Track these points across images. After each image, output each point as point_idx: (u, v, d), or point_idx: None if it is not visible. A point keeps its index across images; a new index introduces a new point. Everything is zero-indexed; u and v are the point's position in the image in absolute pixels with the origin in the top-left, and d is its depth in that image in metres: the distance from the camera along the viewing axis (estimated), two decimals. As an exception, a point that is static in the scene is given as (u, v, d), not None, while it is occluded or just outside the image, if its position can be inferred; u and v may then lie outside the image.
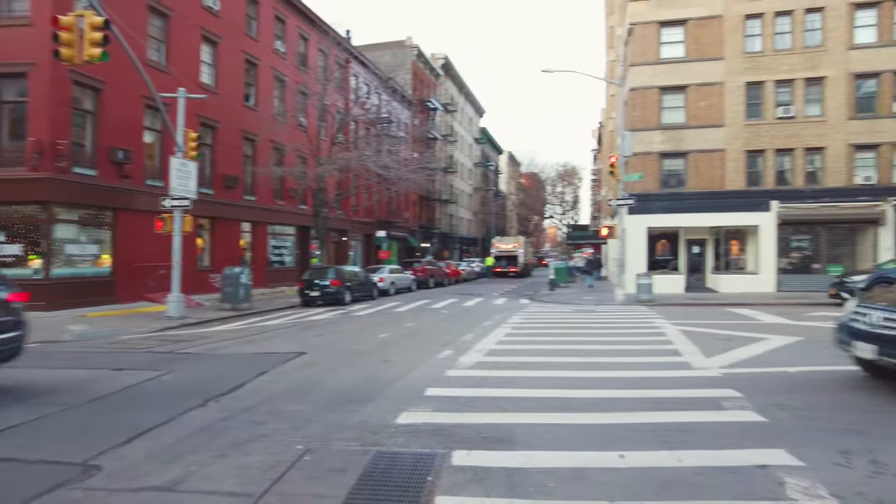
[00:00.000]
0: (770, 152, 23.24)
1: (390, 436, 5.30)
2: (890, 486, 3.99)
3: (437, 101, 51.16)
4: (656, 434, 5.17)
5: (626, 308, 17.74)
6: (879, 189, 22.49)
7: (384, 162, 26.20)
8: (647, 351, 9.51)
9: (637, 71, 23.86)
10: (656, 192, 23.62)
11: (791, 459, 4.46)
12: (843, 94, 22.75)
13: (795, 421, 5.48)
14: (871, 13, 22.75)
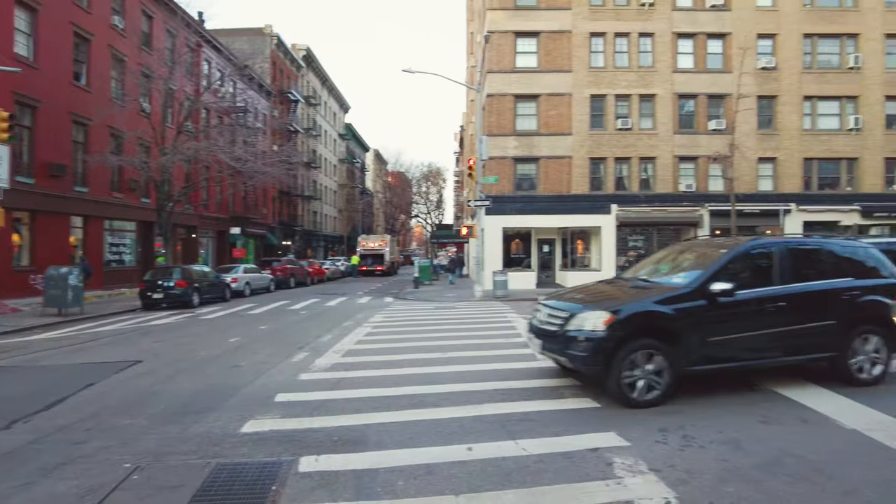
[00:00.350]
0: (610, 160, 25.54)
1: (233, 446, 4.97)
2: (696, 456, 4.52)
3: (298, 93, 49.43)
4: (503, 424, 5.39)
5: (484, 304, 18.46)
6: (698, 196, 25.70)
7: (238, 154, 24.68)
8: (499, 344, 9.95)
9: (494, 78, 24.94)
10: (511, 194, 24.89)
11: (619, 441, 4.88)
12: (670, 111, 25.67)
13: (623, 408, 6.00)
14: (690, 43, 25.92)
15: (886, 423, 5.25)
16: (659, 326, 6.02)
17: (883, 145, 26.74)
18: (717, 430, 5.14)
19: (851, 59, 26.53)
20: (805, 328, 6.40)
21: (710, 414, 5.65)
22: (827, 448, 4.68)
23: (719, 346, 6.12)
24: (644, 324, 6.02)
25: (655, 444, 4.82)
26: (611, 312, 5.96)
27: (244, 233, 36.48)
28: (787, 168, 26.29)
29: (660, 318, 6.03)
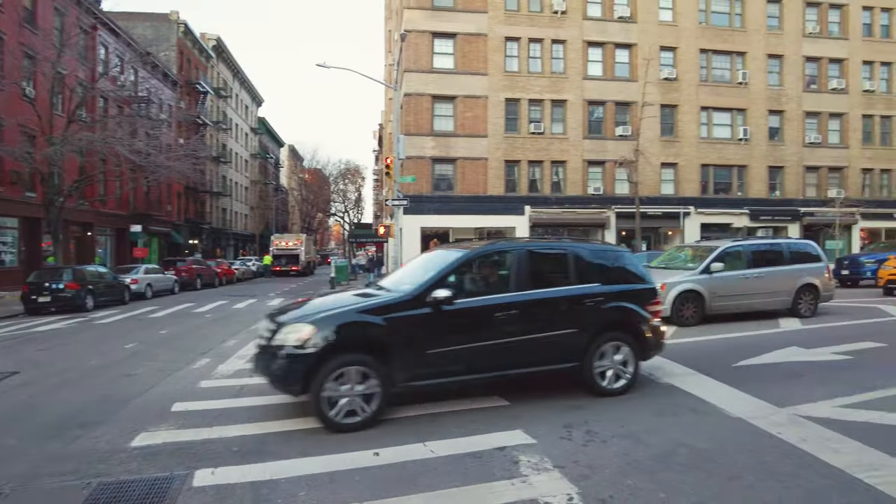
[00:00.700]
0: (524, 162, 26.24)
1: (121, 462, 4.58)
2: (598, 451, 4.66)
3: (207, 85, 47.06)
4: (413, 427, 5.32)
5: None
6: (606, 198, 26.94)
7: (139, 147, 23.07)
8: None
9: (411, 77, 24.90)
10: (429, 194, 24.96)
11: (525, 439, 4.95)
12: (580, 117, 26.73)
13: (532, 402, 6.11)
14: (599, 51, 27.13)
15: (767, 411, 5.66)
16: (370, 339, 5.39)
17: (766, 155, 29.23)
18: (618, 425, 5.33)
19: (740, 75, 28.81)
20: (543, 337, 6.03)
21: (613, 408, 5.86)
22: (715, 437, 4.98)
23: (443, 358, 5.58)
24: (351, 336, 5.35)
25: (560, 440, 4.93)
26: (311, 324, 5.27)
27: (146, 231, 34.25)
28: (687, 173, 28.12)
29: (370, 328, 5.39)
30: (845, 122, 30.48)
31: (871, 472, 4.17)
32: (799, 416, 5.49)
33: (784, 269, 12.65)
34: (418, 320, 5.52)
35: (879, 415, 5.52)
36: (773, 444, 4.81)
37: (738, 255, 12.53)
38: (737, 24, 28.95)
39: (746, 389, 6.47)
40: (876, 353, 8.50)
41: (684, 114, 28.04)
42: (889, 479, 4.04)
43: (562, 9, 26.29)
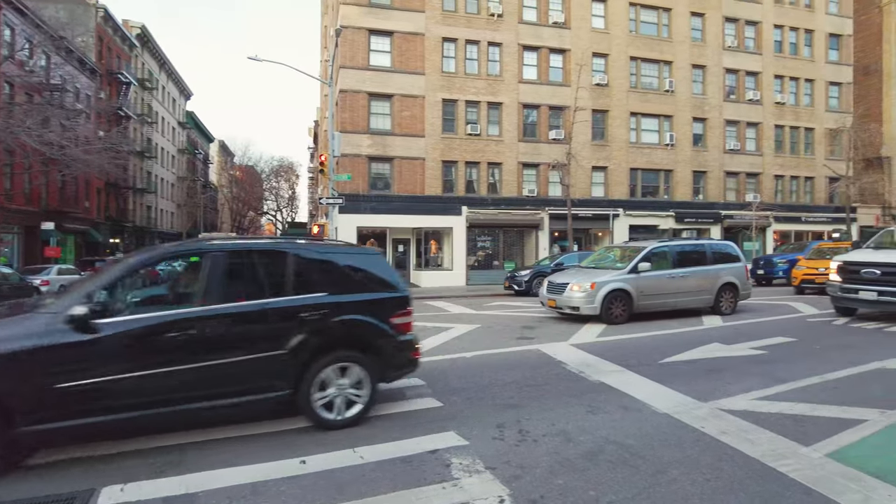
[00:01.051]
0: (461, 163, 26.35)
1: (16, 482, 4.15)
2: (529, 451, 4.65)
3: (130, 75, 44.57)
4: (344, 432, 5.14)
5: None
6: (540, 200, 27.46)
7: (51, 138, 21.49)
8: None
9: (347, 74, 24.49)
10: (365, 193, 24.62)
11: (458, 440, 4.88)
12: (515, 120, 27.13)
13: (466, 403, 6.07)
14: (535, 55, 27.64)
15: (691, 406, 5.85)
16: None
17: (691, 160, 30.70)
18: (550, 423, 5.36)
19: (667, 83, 30.11)
20: (230, 364, 4.83)
21: (545, 407, 5.89)
22: (642, 432, 5.09)
23: (86, 394, 4.32)
24: None
25: (493, 440, 4.90)
26: None
27: (60, 229, 31.98)
28: (617, 176, 29.10)
29: None
30: (760, 130, 32.47)
31: (783, 460, 4.38)
32: (720, 410, 5.71)
33: (706, 269, 13.28)
34: (57, 349, 4.27)
35: (789, 405, 5.83)
36: (695, 437, 4.96)
37: (664, 256, 13.03)
38: (664, 35, 30.26)
39: (672, 385, 6.68)
40: (787, 347, 9.03)
41: (614, 119, 29.01)
42: (797, 467, 4.26)
43: (498, 12, 26.60)
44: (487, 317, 13.64)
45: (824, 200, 33.87)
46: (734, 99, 31.99)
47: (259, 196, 71.10)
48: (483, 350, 9.06)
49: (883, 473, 4.15)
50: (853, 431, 5.05)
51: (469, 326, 11.80)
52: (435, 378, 7.17)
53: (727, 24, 31.86)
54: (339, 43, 24.36)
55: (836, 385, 6.66)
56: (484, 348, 9.21)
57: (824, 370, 7.36)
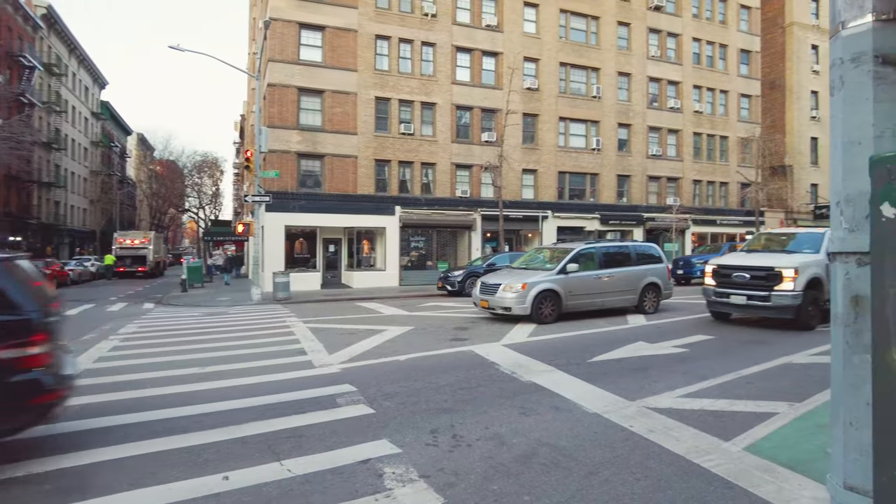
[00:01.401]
0: (395, 163, 26.11)
1: None
2: (463, 457, 4.58)
3: (35, 59, 41.23)
4: (269, 445, 4.89)
5: (261, 308, 17.32)
6: (472, 201, 27.66)
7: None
8: (273, 353, 9.23)
9: (276, 67, 23.69)
10: (294, 191, 23.89)
11: (391, 448, 4.75)
12: (449, 121, 27.18)
13: (399, 408, 5.94)
14: (468, 57, 27.82)
15: (620, 405, 5.99)
16: None
17: (616, 164, 31.87)
18: (483, 427, 5.32)
19: (594, 89, 31.12)
20: None
21: (479, 410, 5.86)
22: (574, 433, 5.14)
23: None
24: None
25: (426, 447, 4.80)
26: None
27: (-49, 225, 29.11)
28: (546, 179, 29.77)
29: None
30: (680, 137, 34.20)
31: (706, 456, 4.55)
32: (647, 408, 5.87)
33: (631, 270, 13.78)
34: None
35: (710, 402, 6.08)
36: (625, 436, 5.07)
37: (591, 257, 13.42)
38: (592, 42, 31.26)
39: (601, 384, 6.83)
40: (706, 345, 9.48)
41: (544, 123, 29.67)
42: (719, 462, 4.44)
43: (432, 12, 26.57)
44: (421, 318, 13.54)
45: (737, 204, 36.13)
46: (657, 106, 33.51)
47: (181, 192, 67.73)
48: (416, 353, 8.94)
49: (793, 464, 4.40)
50: (766, 425, 5.33)
51: (402, 328, 11.66)
52: (367, 383, 6.99)
53: (651, 34, 33.33)
54: (268, 35, 23.55)
55: (750, 380, 7.03)
56: (417, 351, 9.10)
57: (739, 367, 7.77)
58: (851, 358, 1.70)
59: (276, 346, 9.80)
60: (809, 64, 39.84)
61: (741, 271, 11.18)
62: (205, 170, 68.34)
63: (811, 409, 5.77)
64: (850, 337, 1.71)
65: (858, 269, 1.70)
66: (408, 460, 4.49)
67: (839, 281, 1.77)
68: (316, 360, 8.44)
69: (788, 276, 10.45)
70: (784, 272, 10.52)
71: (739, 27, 36.63)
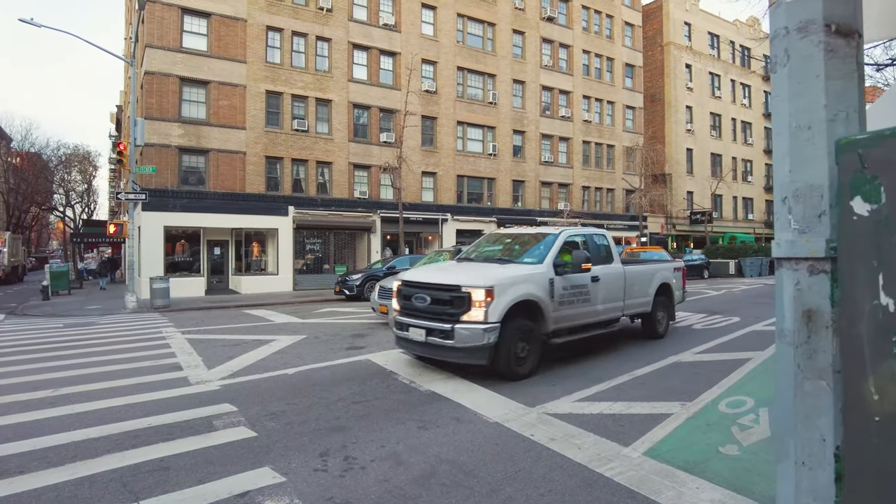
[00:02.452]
0: (287, 160, 24.86)
1: None
2: (356, 481, 4.14)
3: None
4: (125, 483, 4.15)
5: (136, 317, 15.67)
6: (371, 203, 27.05)
7: None
8: (143, 369, 8.17)
9: (154, 54, 21.70)
10: (175, 188, 21.99)
11: (274, 477, 4.20)
12: (346, 119, 26.37)
13: (285, 429, 5.36)
14: (365, 55, 27.19)
15: (520, 412, 5.82)
16: None
17: (511, 169, 32.63)
18: (379, 445, 4.91)
19: (490, 95, 31.66)
20: None
21: (375, 426, 5.43)
22: (475, 447, 4.86)
23: None
24: None
25: (315, 473, 4.30)
26: None
27: None
28: (445, 182, 29.81)
29: None
30: (570, 145, 35.71)
31: (608, 464, 4.45)
32: (547, 415, 5.74)
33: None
34: None
35: (608, 405, 6.08)
36: (526, 447, 4.87)
37: (490, 259, 13.33)
38: (489, 48, 31.78)
39: (501, 390, 6.65)
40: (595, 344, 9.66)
41: (443, 126, 29.70)
42: (621, 470, 4.35)
43: (328, 6, 25.64)
44: (315, 325, 12.80)
45: (622, 210, 38.34)
46: (549, 114, 34.74)
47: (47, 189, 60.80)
48: (308, 364, 8.31)
49: (689, 466, 4.43)
50: (662, 427, 5.37)
51: (293, 338, 10.89)
52: (250, 402, 6.31)
53: (544, 44, 34.50)
54: (146, 18, 21.55)
55: (644, 381, 7.17)
56: (309, 362, 8.46)
57: (632, 367, 7.94)
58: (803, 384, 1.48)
59: (148, 362, 8.71)
60: (684, 81, 43.26)
61: (422, 291, 7.55)
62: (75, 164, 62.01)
63: (701, 409, 5.92)
64: (802, 360, 1.49)
65: (811, 278, 1.48)
66: (293, 490, 3.98)
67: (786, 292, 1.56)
68: (192, 377, 7.56)
69: (477, 299, 6.92)
70: (473, 294, 6.96)
71: (624, 43, 38.98)
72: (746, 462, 4.53)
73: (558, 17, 35.09)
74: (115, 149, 59.24)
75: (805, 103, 1.50)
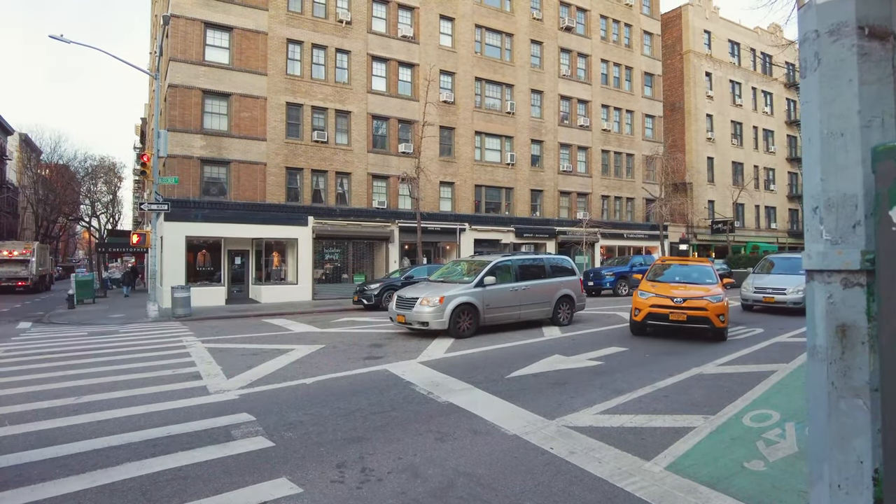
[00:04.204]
0: (307, 171, 25.11)
1: None
2: (373, 493, 4.10)
3: None
4: (144, 491, 4.17)
5: (158, 326, 15.86)
6: (389, 212, 27.16)
7: None
8: (163, 378, 8.24)
9: (178, 67, 22.14)
10: (197, 198, 22.33)
11: (290, 488, 4.18)
12: (365, 130, 26.58)
13: (303, 439, 5.35)
14: (384, 67, 27.43)
15: (539, 425, 5.73)
16: None
17: (529, 178, 32.54)
18: (396, 457, 4.86)
19: (508, 105, 31.67)
20: None
21: (392, 437, 5.39)
22: (493, 459, 4.80)
23: None
24: None
25: (332, 484, 4.28)
26: None
27: None
28: (463, 192, 29.83)
29: None
30: (589, 154, 35.51)
31: (629, 478, 4.36)
32: (567, 427, 5.65)
33: (546, 282, 13.81)
34: None
35: (629, 418, 5.97)
36: (546, 460, 4.79)
37: (508, 269, 13.33)
38: (507, 59, 31.84)
39: (520, 402, 6.57)
40: (621, 357, 9.52)
41: (461, 136, 29.77)
42: (642, 485, 4.25)
43: (347, 19, 25.96)
44: (333, 335, 12.82)
45: (642, 219, 37.96)
46: (567, 124, 34.62)
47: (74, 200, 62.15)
48: (326, 374, 8.31)
49: (713, 481, 4.31)
50: (685, 440, 5.25)
51: (312, 347, 10.92)
52: (268, 411, 6.32)
53: (562, 54, 34.47)
54: (170, 33, 22.00)
55: (666, 393, 7.03)
56: (327, 372, 8.46)
57: (654, 379, 7.80)
58: (838, 404, 1.41)
59: (168, 370, 8.79)
60: (704, 89, 42.84)
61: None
62: (101, 175, 63.37)
63: (724, 422, 5.78)
64: (836, 377, 1.41)
65: (845, 291, 1.41)
66: (309, 501, 3.95)
67: (818, 306, 1.48)
68: (212, 386, 7.61)
69: None
70: None
71: (643, 51, 38.77)
72: (773, 478, 4.40)
73: (576, 27, 35.06)
74: (139, 160, 60.46)
75: (837, 109, 1.44)
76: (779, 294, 15.70)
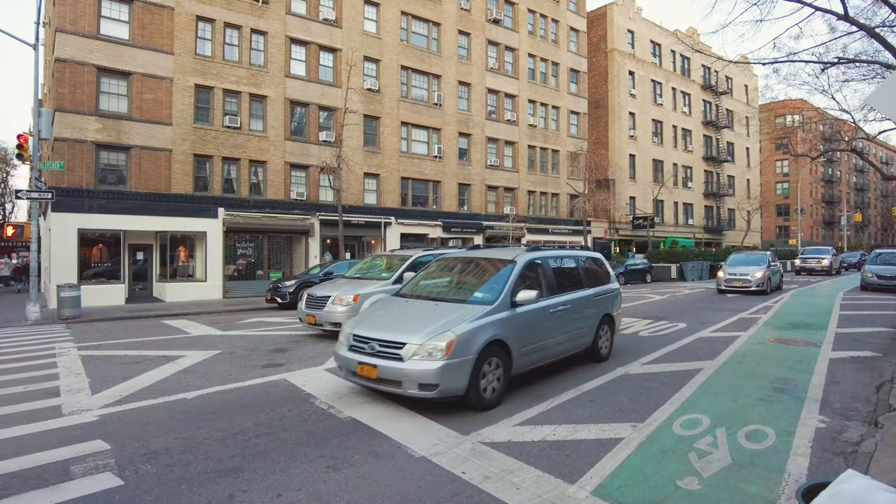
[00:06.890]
0: (218, 159, 23.29)
1: None
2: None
3: None
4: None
5: (35, 330, 13.94)
6: (309, 205, 25.75)
7: None
8: (12, 396, 6.83)
9: (67, 39, 19.80)
10: (92, 187, 20.10)
11: (122, 551, 3.22)
12: (282, 116, 25.00)
13: (163, 474, 4.34)
14: (303, 50, 25.93)
15: (452, 442, 5.02)
16: None
17: (457, 172, 32.00)
18: (275, 493, 3.98)
19: (436, 97, 30.94)
20: None
21: (276, 466, 4.49)
22: (394, 492, 4.02)
23: None
24: None
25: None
26: None
27: None
28: (388, 185, 28.84)
29: None
30: (516, 149, 35.42)
31: (551, 509, 3.70)
32: (482, 444, 4.97)
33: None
34: None
35: (552, 429, 5.38)
36: (456, 489, 4.07)
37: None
38: (434, 49, 31.04)
39: (432, 413, 5.83)
40: (544, 357, 8.99)
41: (386, 126, 28.72)
42: (567, 515, 3.60)
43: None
44: (233, 338, 11.58)
45: (566, 214, 38.37)
46: (495, 118, 34.33)
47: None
48: (214, 386, 7.20)
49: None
50: (612, 456, 4.70)
51: (206, 353, 9.68)
52: (130, 436, 5.24)
53: (490, 46, 34.09)
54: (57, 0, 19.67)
55: (592, 398, 6.52)
56: (216, 384, 7.36)
57: (578, 381, 7.29)
58: None
59: (22, 386, 7.36)
60: (628, 88, 43.91)
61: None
62: (-13, 161, 57.43)
63: (654, 431, 5.30)
64: None
65: None
66: (144, 570, 3.01)
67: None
68: (68, 405, 6.35)
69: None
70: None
71: (570, 48, 39.14)
72: (709, 498, 3.88)
73: (504, 20, 34.80)
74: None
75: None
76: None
